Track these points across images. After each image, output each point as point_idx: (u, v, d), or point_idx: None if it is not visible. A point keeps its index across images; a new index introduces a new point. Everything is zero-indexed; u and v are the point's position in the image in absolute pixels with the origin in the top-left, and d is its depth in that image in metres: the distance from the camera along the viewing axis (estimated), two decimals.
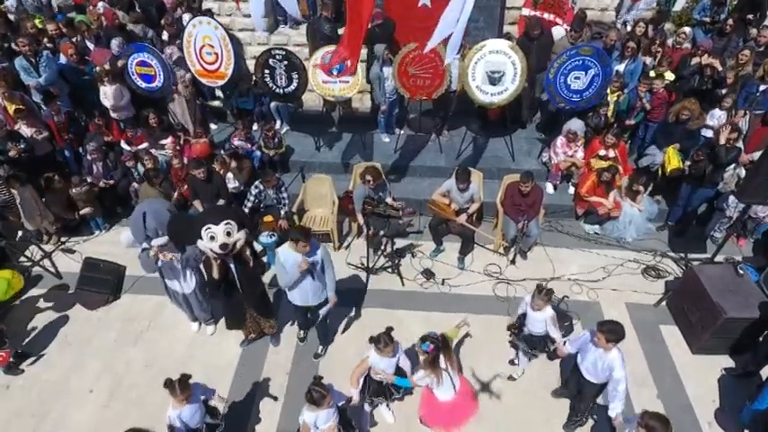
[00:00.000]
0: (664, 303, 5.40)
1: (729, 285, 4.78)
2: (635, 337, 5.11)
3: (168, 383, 3.45)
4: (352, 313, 5.37)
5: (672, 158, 5.84)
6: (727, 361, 4.85)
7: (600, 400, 4.00)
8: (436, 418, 3.90)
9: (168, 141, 6.55)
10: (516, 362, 4.81)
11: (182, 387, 3.42)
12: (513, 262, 5.92)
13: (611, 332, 3.57)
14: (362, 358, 3.89)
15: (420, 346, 3.58)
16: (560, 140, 6.33)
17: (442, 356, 3.59)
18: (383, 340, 3.67)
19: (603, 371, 3.70)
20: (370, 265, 5.75)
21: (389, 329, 3.79)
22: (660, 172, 6.12)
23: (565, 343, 4.17)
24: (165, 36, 7.55)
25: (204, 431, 3.72)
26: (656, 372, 4.81)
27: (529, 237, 5.72)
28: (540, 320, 4.20)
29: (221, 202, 5.68)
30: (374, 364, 3.81)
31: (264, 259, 5.95)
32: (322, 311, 4.55)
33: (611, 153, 5.92)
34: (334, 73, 6.30)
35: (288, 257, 4.12)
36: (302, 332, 5.10)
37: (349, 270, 5.85)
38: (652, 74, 6.29)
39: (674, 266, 5.89)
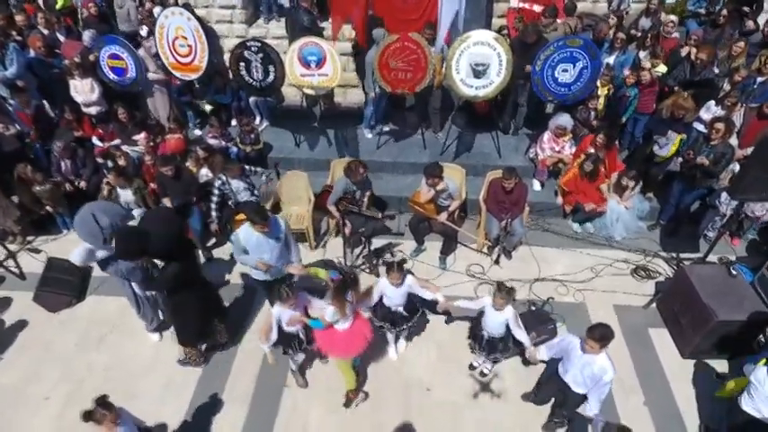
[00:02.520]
0: (653, 305, 5.16)
1: (721, 286, 4.54)
2: (622, 341, 4.86)
3: (87, 414, 3.10)
4: None
5: (673, 147, 5.61)
6: (720, 366, 4.61)
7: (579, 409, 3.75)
8: (334, 348, 3.93)
9: (141, 137, 6.32)
10: (476, 365, 4.60)
11: (106, 408, 3.10)
12: (496, 262, 5.67)
13: (604, 338, 3.34)
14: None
15: (330, 274, 3.70)
16: (547, 135, 6.09)
17: (350, 291, 3.69)
18: (395, 267, 3.96)
19: (593, 378, 3.46)
20: (348, 265, 5.51)
21: (402, 261, 4.13)
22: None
23: (533, 340, 3.95)
24: (144, 31, 7.31)
25: None
26: (644, 377, 4.57)
27: (513, 236, 5.47)
28: (500, 322, 3.98)
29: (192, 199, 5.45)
30: (382, 288, 4.12)
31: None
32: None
33: (600, 155, 5.65)
34: (312, 66, 6.06)
35: (249, 238, 4.04)
36: None
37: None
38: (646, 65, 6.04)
39: (666, 267, 5.64)
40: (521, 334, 3.96)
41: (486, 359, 4.34)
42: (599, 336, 3.33)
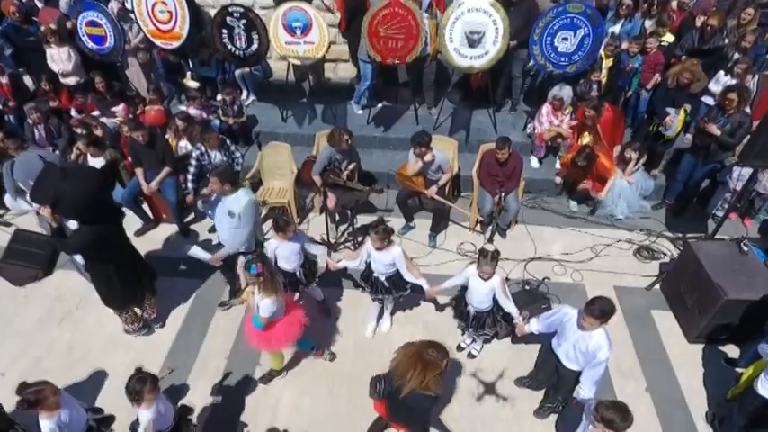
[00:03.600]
0: (657, 286, 4.81)
1: (731, 264, 4.18)
2: (623, 324, 4.52)
3: (22, 402, 2.85)
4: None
5: (679, 124, 5.24)
6: (730, 351, 4.24)
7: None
8: (271, 341, 3.56)
9: (120, 109, 6.05)
10: (463, 346, 4.28)
11: (40, 384, 2.86)
12: (489, 240, 5.33)
13: (604, 314, 3.00)
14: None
15: (248, 273, 3.22)
16: (546, 108, 5.74)
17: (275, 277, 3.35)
18: (379, 230, 3.71)
19: (587, 354, 3.14)
20: (331, 241, 5.20)
21: (389, 229, 3.83)
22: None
23: (525, 319, 3.62)
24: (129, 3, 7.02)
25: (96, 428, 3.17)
26: (646, 362, 4.22)
27: (507, 212, 5.13)
28: (485, 292, 3.64)
29: (166, 169, 5.15)
30: (369, 248, 3.87)
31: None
32: (195, 251, 4.20)
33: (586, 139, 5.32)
34: (298, 33, 5.75)
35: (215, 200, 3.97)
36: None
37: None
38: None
39: (671, 247, 5.28)
40: (508, 304, 3.65)
41: (476, 337, 4.01)
42: (599, 312, 3.00)
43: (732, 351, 4.25)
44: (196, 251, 4.10)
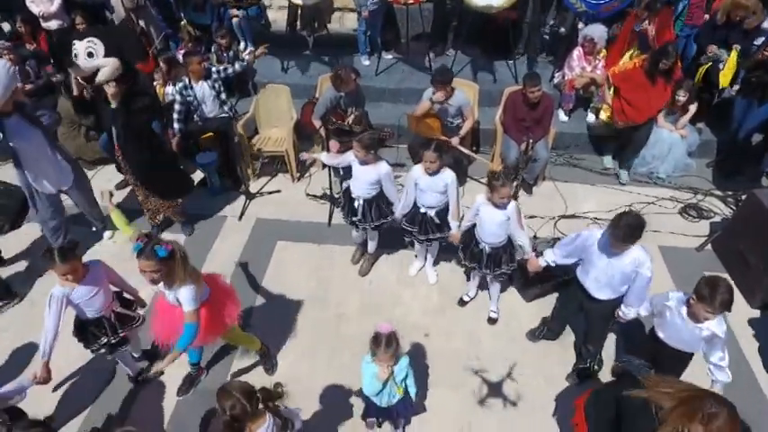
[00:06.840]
0: (709, 246, 4.17)
1: None
2: (672, 288, 3.88)
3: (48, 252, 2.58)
4: (313, 250, 4.23)
5: (729, 67, 4.55)
6: None
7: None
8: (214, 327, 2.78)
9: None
10: (466, 299, 3.75)
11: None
12: (514, 197, 4.69)
13: (633, 233, 2.51)
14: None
15: (156, 258, 2.31)
16: (577, 52, 5.10)
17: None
18: (432, 146, 3.15)
19: (624, 275, 2.66)
20: (335, 195, 4.60)
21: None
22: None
23: (537, 250, 3.14)
24: None
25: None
26: None
27: (535, 161, 4.51)
28: (500, 222, 3.08)
29: None
30: (415, 176, 3.33)
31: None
32: None
33: (651, 30, 4.60)
34: None
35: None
36: None
37: (309, 202, 4.74)
38: None
39: (722, 206, 4.64)
40: (521, 235, 3.15)
41: (493, 278, 3.42)
42: (623, 234, 2.52)
43: None
44: None
